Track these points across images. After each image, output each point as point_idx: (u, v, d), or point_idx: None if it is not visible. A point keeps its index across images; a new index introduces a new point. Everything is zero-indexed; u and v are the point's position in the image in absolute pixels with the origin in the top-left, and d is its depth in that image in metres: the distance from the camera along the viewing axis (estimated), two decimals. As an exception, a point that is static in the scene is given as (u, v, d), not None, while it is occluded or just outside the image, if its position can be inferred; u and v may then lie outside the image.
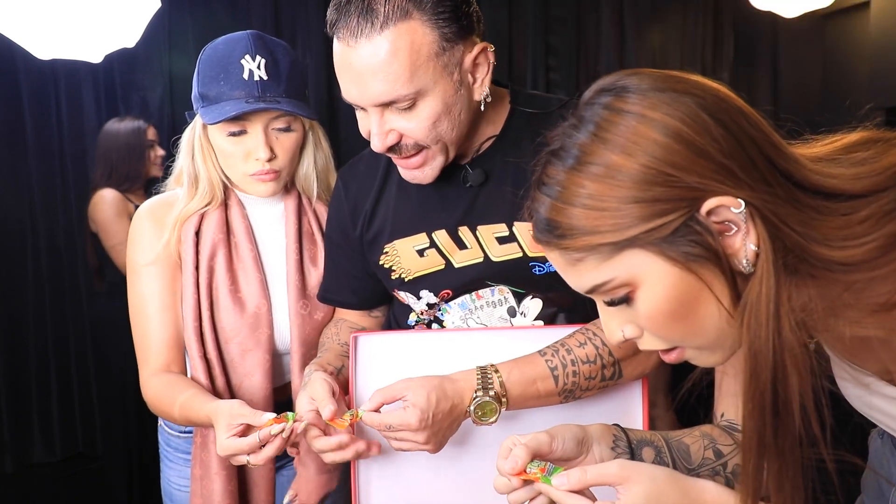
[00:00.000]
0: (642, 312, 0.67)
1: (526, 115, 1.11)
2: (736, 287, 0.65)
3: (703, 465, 0.90)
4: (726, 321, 0.66)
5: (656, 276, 0.65)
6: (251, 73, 1.20)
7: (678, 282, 0.65)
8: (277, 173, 1.26)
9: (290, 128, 1.26)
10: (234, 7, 3.58)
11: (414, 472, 1.13)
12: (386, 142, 1.01)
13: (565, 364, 1.01)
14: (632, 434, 0.88)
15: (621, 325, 0.71)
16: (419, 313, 1.19)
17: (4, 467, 3.38)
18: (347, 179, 1.24)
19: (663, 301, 0.66)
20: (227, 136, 1.23)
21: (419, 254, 1.14)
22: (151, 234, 1.29)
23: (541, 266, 1.09)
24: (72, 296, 3.42)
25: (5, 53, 3.05)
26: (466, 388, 0.98)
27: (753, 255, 0.64)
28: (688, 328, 0.68)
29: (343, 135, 3.69)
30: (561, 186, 0.66)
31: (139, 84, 3.48)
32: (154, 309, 1.28)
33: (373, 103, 0.98)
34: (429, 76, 0.96)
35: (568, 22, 3.95)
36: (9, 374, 3.38)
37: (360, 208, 1.20)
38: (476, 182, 1.11)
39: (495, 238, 1.11)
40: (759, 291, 0.63)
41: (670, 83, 0.65)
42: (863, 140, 0.69)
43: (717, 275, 0.64)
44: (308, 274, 1.33)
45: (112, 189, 2.73)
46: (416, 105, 0.98)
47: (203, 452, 1.28)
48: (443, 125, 1.01)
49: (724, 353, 0.71)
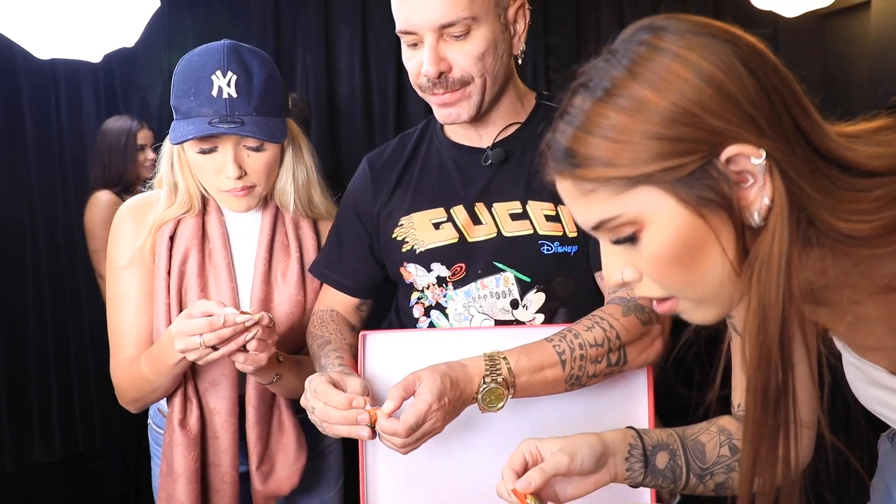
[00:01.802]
0: (646, 254, 0.67)
1: (550, 109, 1.18)
2: (743, 240, 0.65)
3: (718, 462, 0.90)
4: (727, 275, 0.66)
5: (665, 217, 0.65)
6: (220, 91, 1.18)
7: (686, 225, 0.65)
8: (250, 189, 1.25)
9: (261, 147, 1.23)
10: (234, 7, 3.58)
11: (421, 470, 1.13)
12: (439, 67, 1.08)
13: (573, 348, 1.02)
14: (647, 439, 0.88)
15: (622, 266, 0.71)
16: (424, 288, 1.20)
17: (4, 467, 3.37)
18: (373, 159, 1.30)
19: (669, 243, 0.66)
20: (197, 152, 1.22)
21: (435, 227, 1.19)
22: (131, 234, 1.30)
23: (549, 245, 1.14)
24: (72, 296, 3.42)
25: (5, 53, 3.06)
26: (475, 374, 0.99)
27: (766, 209, 0.64)
28: (688, 276, 0.67)
29: (343, 135, 3.69)
30: (585, 116, 0.66)
31: (139, 84, 3.48)
32: (129, 308, 1.30)
33: (434, 24, 1.06)
34: (483, 6, 1.07)
35: (568, 22, 3.94)
36: (9, 374, 3.38)
37: (383, 183, 1.26)
38: (496, 160, 1.17)
39: (509, 214, 1.16)
40: (772, 244, 0.63)
41: (709, 28, 0.65)
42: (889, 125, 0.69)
43: (726, 224, 0.64)
44: (275, 286, 1.32)
45: (108, 191, 2.73)
46: (470, 33, 1.07)
47: (170, 452, 1.28)
48: (489, 59, 1.10)
49: (718, 309, 0.71)
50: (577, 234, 1.13)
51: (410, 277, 1.22)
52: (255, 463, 1.31)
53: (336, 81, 3.70)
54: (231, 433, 1.29)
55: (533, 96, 1.22)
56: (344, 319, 1.30)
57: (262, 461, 1.32)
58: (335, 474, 1.51)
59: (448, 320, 1.20)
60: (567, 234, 1.13)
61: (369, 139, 3.69)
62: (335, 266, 1.31)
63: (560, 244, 1.13)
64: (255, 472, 1.31)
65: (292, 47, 3.68)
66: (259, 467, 1.31)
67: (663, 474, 0.87)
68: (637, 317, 1.06)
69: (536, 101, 1.21)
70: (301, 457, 1.35)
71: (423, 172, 1.24)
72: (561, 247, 1.13)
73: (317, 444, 1.46)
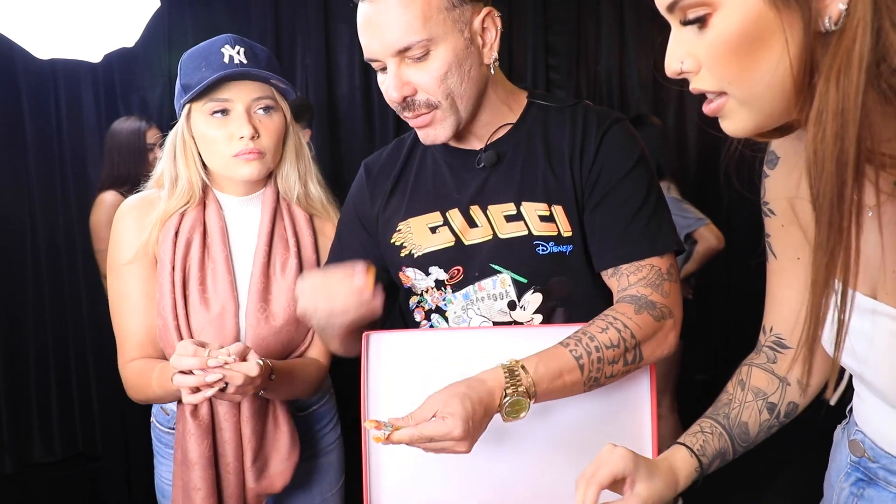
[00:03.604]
0: (710, 39, 0.68)
1: (541, 108, 1.19)
2: (809, 44, 0.65)
3: (761, 430, 0.96)
4: (782, 77, 0.67)
5: (740, 2, 0.65)
6: (231, 58, 1.24)
7: (757, 15, 0.65)
8: (262, 154, 1.28)
9: (273, 108, 1.29)
10: (234, 7, 3.58)
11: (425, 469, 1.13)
12: (402, 91, 1.09)
13: (590, 352, 1.02)
14: (705, 459, 0.93)
15: (683, 55, 0.71)
16: (423, 291, 1.21)
17: (4, 467, 3.37)
18: (370, 164, 1.31)
19: (736, 30, 0.66)
20: (209, 116, 1.25)
21: (431, 231, 1.19)
22: (133, 232, 1.31)
23: (544, 245, 1.14)
24: (72, 296, 3.42)
25: (5, 53, 3.06)
26: (496, 388, 0.98)
27: (838, 14, 0.63)
28: (745, 68, 0.68)
29: (343, 135, 3.69)
30: None
31: (139, 84, 3.49)
32: (132, 307, 1.30)
33: (391, 50, 1.07)
34: (439, 26, 1.06)
35: (568, 22, 3.95)
36: (8, 374, 3.38)
37: (380, 188, 1.26)
38: (489, 163, 1.17)
39: (504, 216, 1.16)
40: (851, 49, 0.62)
41: None
42: None
43: (797, 23, 0.65)
44: (273, 278, 1.32)
45: (114, 191, 2.73)
46: (429, 55, 1.07)
47: (184, 441, 1.29)
48: (453, 78, 1.09)
49: (758, 118, 0.71)
50: (571, 233, 1.13)
51: (409, 282, 1.22)
52: (250, 458, 1.31)
53: (336, 81, 3.71)
54: (233, 424, 1.30)
55: (523, 95, 1.21)
56: None
57: (257, 456, 1.32)
58: (336, 472, 1.51)
59: (448, 323, 1.20)
60: (561, 233, 1.13)
61: (369, 139, 3.69)
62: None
63: (555, 244, 1.13)
64: (250, 467, 1.31)
65: (292, 47, 3.68)
66: (254, 462, 1.32)
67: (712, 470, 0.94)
68: (649, 313, 1.06)
69: (528, 101, 1.21)
70: (294, 454, 1.35)
71: (418, 177, 1.24)
72: (556, 246, 1.13)
73: (318, 441, 1.47)
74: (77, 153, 3.40)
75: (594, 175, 1.12)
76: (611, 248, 1.12)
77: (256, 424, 1.31)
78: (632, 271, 1.11)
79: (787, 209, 0.92)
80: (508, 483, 1.12)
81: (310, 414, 1.45)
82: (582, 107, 1.18)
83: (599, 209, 1.12)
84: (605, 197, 1.12)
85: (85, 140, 3.41)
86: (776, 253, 0.96)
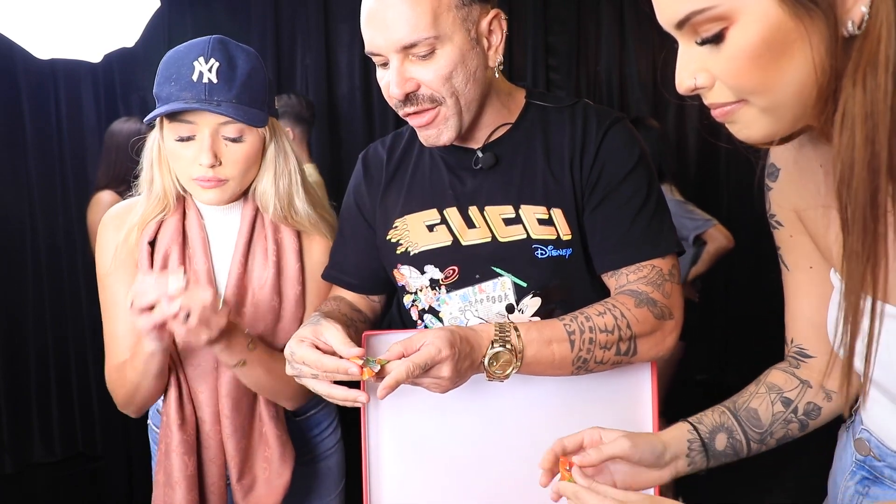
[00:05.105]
0: (729, 52, 0.66)
1: (540, 108, 1.18)
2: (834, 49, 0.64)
3: (775, 421, 0.94)
4: (807, 84, 0.65)
5: (758, 13, 0.63)
6: (200, 76, 1.16)
7: (777, 24, 0.63)
8: (222, 182, 1.21)
9: (240, 138, 1.20)
10: (234, 7, 3.58)
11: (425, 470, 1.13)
12: (405, 88, 1.06)
13: (583, 330, 1.03)
14: (703, 427, 0.92)
15: (696, 71, 0.69)
16: (417, 290, 1.20)
17: (4, 467, 3.37)
18: (367, 157, 1.30)
19: (757, 40, 0.64)
20: (175, 140, 1.20)
21: (428, 228, 1.18)
22: (113, 241, 1.28)
23: (543, 249, 1.13)
24: (71, 296, 3.42)
25: (5, 53, 3.06)
26: (484, 337, 1.00)
27: (860, 17, 0.62)
28: (768, 76, 0.66)
29: (343, 135, 3.69)
30: None
31: (139, 84, 3.48)
32: (117, 315, 1.28)
33: (396, 46, 1.04)
34: (448, 24, 1.04)
35: (568, 22, 3.94)
36: (8, 374, 3.38)
37: (376, 180, 1.25)
38: (486, 164, 1.16)
39: (502, 219, 1.15)
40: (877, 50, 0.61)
41: None
42: None
43: (819, 30, 0.63)
44: (249, 289, 1.28)
45: (111, 191, 2.73)
46: (435, 53, 1.05)
47: (167, 461, 1.27)
48: (458, 77, 1.07)
49: (779, 125, 0.69)
50: (570, 236, 1.13)
51: (403, 280, 1.21)
52: (235, 476, 1.28)
53: (336, 81, 3.70)
54: (217, 442, 1.28)
55: (521, 95, 1.20)
56: (348, 302, 1.28)
57: (242, 474, 1.29)
58: (336, 477, 1.50)
59: (442, 324, 1.19)
60: (560, 237, 1.12)
61: (369, 139, 3.69)
62: (340, 265, 1.30)
63: (554, 248, 1.12)
64: (236, 485, 1.28)
65: (292, 47, 3.68)
66: (239, 480, 1.28)
67: (724, 454, 0.91)
68: (650, 309, 1.06)
69: (526, 101, 1.19)
70: (285, 472, 1.30)
71: (415, 173, 1.23)
72: (555, 250, 1.12)
73: (317, 446, 1.45)
74: (77, 153, 3.40)
75: (595, 175, 1.12)
76: (612, 250, 1.11)
77: (240, 440, 1.28)
78: (632, 271, 1.11)
79: (794, 220, 0.91)
80: (508, 483, 1.12)
81: (308, 418, 1.44)
82: (581, 106, 1.17)
83: (600, 210, 1.12)
84: (606, 198, 1.12)
85: (85, 140, 3.40)
86: (789, 265, 0.95)
